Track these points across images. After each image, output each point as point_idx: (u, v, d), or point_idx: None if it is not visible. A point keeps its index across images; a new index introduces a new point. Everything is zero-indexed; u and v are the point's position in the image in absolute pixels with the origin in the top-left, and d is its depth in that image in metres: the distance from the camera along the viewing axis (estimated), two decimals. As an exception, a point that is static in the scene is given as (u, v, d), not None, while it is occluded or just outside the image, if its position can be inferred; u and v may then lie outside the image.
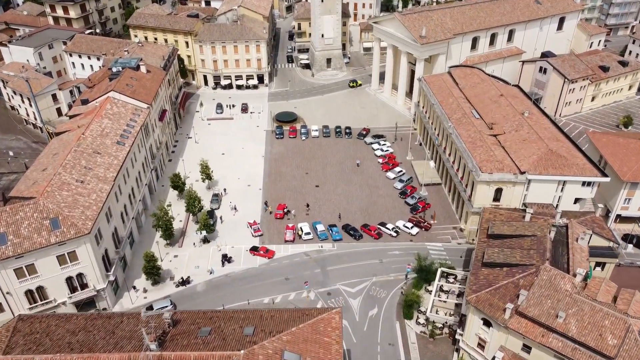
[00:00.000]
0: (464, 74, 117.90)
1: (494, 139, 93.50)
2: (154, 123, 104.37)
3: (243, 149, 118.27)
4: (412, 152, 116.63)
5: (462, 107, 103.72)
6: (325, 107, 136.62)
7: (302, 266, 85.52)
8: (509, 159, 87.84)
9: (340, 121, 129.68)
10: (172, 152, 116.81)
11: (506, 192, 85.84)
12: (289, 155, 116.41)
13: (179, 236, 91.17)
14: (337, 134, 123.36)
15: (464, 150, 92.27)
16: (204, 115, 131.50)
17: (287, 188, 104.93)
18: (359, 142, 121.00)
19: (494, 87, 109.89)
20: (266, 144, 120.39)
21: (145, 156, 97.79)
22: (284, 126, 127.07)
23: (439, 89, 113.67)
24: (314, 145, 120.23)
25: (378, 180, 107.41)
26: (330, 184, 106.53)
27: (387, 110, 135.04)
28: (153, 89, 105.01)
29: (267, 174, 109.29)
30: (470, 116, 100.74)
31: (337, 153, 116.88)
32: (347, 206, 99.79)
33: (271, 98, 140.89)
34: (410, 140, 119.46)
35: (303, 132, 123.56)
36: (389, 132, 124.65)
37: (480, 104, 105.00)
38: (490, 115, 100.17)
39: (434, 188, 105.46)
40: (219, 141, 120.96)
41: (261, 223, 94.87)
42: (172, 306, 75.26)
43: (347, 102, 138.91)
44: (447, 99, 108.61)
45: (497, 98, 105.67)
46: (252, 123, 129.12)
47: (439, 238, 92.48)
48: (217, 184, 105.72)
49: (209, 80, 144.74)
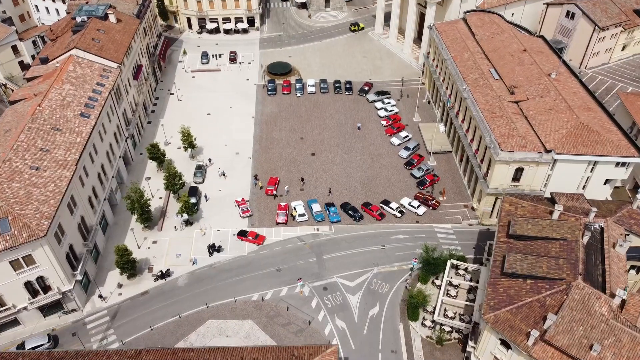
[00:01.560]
0: (482, 22, 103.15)
1: (515, 107, 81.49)
2: (127, 83, 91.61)
3: (231, 107, 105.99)
4: (419, 112, 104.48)
5: (479, 65, 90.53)
6: (323, 56, 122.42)
7: (296, 254, 76.78)
8: (532, 132, 76.46)
9: (340, 73, 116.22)
10: (152, 112, 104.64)
11: (528, 172, 75.32)
12: (282, 115, 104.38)
13: (158, 217, 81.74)
14: (336, 89, 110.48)
15: (480, 120, 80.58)
16: (188, 66, 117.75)
17: (280, 157, 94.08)
18: (361, 100, 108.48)
19: (515, 40, 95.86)
20: (257, 102, 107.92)
21: (118, 124, 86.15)
22: (277, 79, 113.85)
23: (452, 40, 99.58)
24: (310, 103, 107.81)
25: (381, 147, 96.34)
26: (327, 151, 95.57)
27: (392, 60, 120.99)
28: (124, 42, 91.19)
29: (258, 140, 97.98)
30: (489, 77, 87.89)
31: (336, 113, 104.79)
32: (346, 180, 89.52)
33: (263, 45, 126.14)
34: (418, 98, 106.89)
35: (298, 87, 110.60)
36: (394, 88, 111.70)
37: (500, 60, 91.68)
38: (512, 76, 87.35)
39: (444, 156, 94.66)
40: (204, 98, 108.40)
41: (250, 201, 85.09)
42: (49, 343, 62.59)
43: (348, 50, 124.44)
44: (461, 54, 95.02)
45: (519, 53, 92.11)
46: (241, 75, 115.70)
47: (448, 218, 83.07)
48: (202, 152, 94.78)
49: (194, 23, 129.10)
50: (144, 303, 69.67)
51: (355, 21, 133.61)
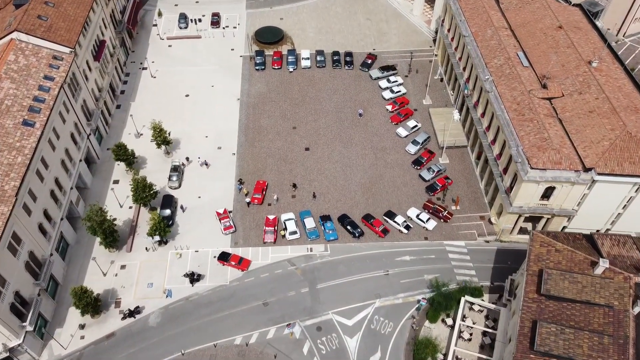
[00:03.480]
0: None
1: (548, 106, 68.08)
2: (86, 68, 77.23)
3: (213, 87, 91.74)
4: (430, 92, 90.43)
5: (504, 47, 75.70)
6: (321, 18, 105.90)
7: (286, 282, 66.67)
8: (568, 142, 63.76)
9: (339, 41, 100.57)
10: (122, 94, 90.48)
11: (560, 191, 63.46)
12: (272, 97, 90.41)
13: (127, 234, 70.88)
14: (334, 63, 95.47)
15: (505, 122, 67.47)
16: (163, 32, 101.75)
17: (269, 152, 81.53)
18: (363, 76, 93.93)
19: (549, 11, 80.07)
20: (243, 79, 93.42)
21: (77, 121, 72.95)
22: (267, 50, 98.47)
23: (473, 9, 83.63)
24: (305, 80, 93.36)
25: (385, 139, 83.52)
26: (324, 144, 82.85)
27: (399, 24, 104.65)
28: (80, 17, 75.73)
29: (244, 129, 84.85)
30: (516, 63, 73.50)
31: (334, 94, 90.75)
32: (344, 182, 77.68)
33: (250, 3, 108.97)
34: (429, 76, 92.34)
35: (290, 60, 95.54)
36: (401, 60, 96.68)
37: (529, 40, 76.71)
38: (544, 63, 73.03)
39: (458, 152, 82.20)
40: (181, 73, 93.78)
41: (234, 211, 73.81)
42: None
43: (349, 10, 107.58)
44: (483, 30, 79.71)
45: (553, 31, 76.94)
46: (225, 44, 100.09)
47: (461, 233, 72.25)
48: (179, 146, 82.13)
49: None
50: (110, 349, 60.40)
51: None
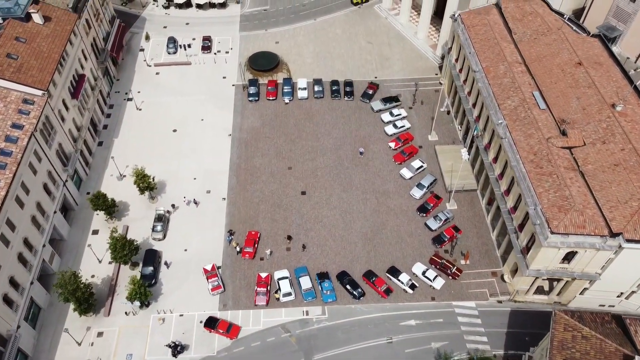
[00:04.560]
0: (521, 12, 79.69)
1: (568, 157, 61.68)
2: (62, 107, 70.81)
3: (203, 120, 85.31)
4: (436, 127, 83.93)
5: (519, 85, 69.24)
6: (319, 41, 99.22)
7: (279, 352, 60.52)
8: (592, 201, 57.44)
9: (338, 68, 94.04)
10: (104, 129, 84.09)
11: (583, 255, 57.19)
12: (267, 132, 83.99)
13: (106, 295, 64.73)
14: (333, 93, 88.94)
15: (521, 175, 61.13)
16: (151, 58, 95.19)
17: (262, 197, 75.22)
18: (364, 108, 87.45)
19: (566, 44, 73.49)
20: (235, 111, 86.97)
21: (51, 169, 66.64)
22: (261, 78, 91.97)
23: (483, 40, 77.09)
24: (302, 112, 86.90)
25: (388, 181, 77.22)
26: (321, 188, 76.53)
27: (403, 48, 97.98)
28: (54, 54, 69.23)
29: (235, 170, 78.51)
30: (532, 104, 67.08)
31: (333, 129, 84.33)
32: (344, 232, 71.45)
33: (244, 25, 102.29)
34: (436, 108, 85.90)
35: (286, 90, 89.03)
36: (405, 89, 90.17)
37: (546, 77, 70.23)
38: (563, 104, 66.64)
39: (467, 195, 75.93)
40: (169, 105, 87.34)
41: (223, 266, 67.63)
42: None
43: (349, 32, 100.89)
44: (496, 65, 73.20)
45: (572, 68, 70.42)
46: (216, 71, 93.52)
47: (472, 292, 66.07)
48: (164, 189, 75.85)
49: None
50: None
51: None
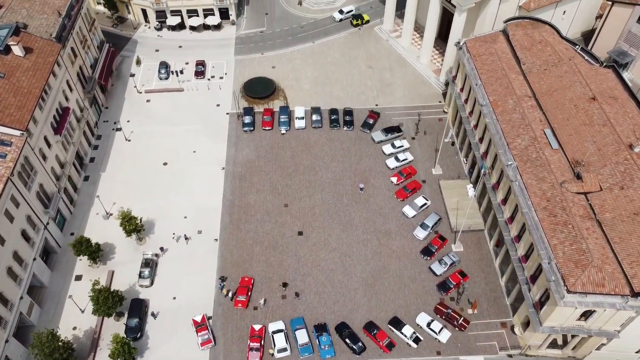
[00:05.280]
0: (529, 40, 75.71)
1: (583, 203, 57.47)
2: (44, 144, 66.63)
3: (195, 152, 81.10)
4: (440, 159, 79.74)
5: (529, 122, 65.09)
6: (317, 65, 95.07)
7: (273, 414, 56.33)
8: (610, 254, 53.18)
9: (337, 94, 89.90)
10: (91, 162, 79.91)
11: (602, 314, 52.92)
12: (262, 165, 79.80)
13: (88, 350, 60.37)
14: (332, 123, 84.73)
15: (534, 224, 56.89)
16: (141, 84, 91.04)
17: (256, 238, 70.91)
18: (364, 138, 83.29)
19: (578, 76, 69.37)
20: (229, 142, 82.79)
21: (30, 213, 62.35)
22: (256, 106, 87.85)
23: (490, 71, 73.02)
24: (299, 144, 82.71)
25: (390, 220, 72.98)
26: (319, 227, 72.26)
27: (405, 73, 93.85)
28: (35, 89, 65.06)
29: (228, 209, 74.21)
30: (544, 144, 62.91)
31: (332, 161, 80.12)
32: (343, 277, 67.17)
33: (239, 48, 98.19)
34: (439, 138, 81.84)
35: (283, 120, 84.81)
36: (407, 118, 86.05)
37: (558, 113, 66.09)
38: (577, 143, 62.47)
39: (474, 236, 71.69)
40: (160, 135, 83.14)
41: (214, 317, 63.30)
42: None
43: (349, 55, 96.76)
44: (504, 98, 69.06)
45: (585, 103, 66.29)
46: (210, 98, 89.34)
47: (480, 346, 61.74)
48: (153, 229, 71.58)
49: (151, 16, 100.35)
50: None
51: (359, 12, 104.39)
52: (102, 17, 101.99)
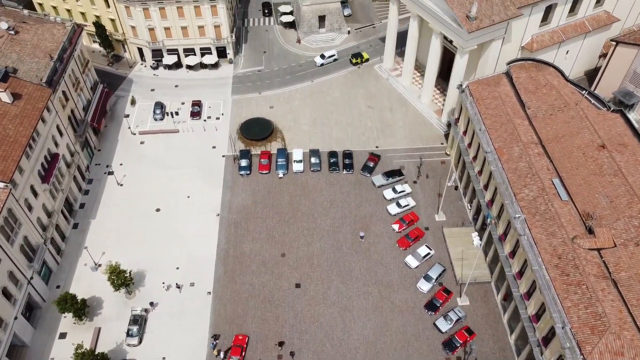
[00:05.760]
0: (534, 83, 73.75)
1: (597, 260, 54.27)
2: (30, 194, 63.82)
3: (189, 198, 78.25)
4: (444, 205, 76.83)
5: (536, 171, 62.35)
6: (316, 105, 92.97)
7: None
8: (628, 317, 49.79)
9: (337, 136, 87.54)
10: (81, 208, 77.02)
11: (621, 384, 49.29)
12: (258, 211, 76.84)
13: (70, 417, 56.60)
14: (331, 166, 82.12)
15: (545, 284, 53.62)
16: (136, 125, 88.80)
17: (252, 291, 67.47)
18: (364, 182, 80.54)
19: (585, 122, 67.04)
20: (224, 187, 80.00)
21: (13, 269, 59.07)
22: (253, 148, 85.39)
23: (494, 115, 70.70)
24: (297, 188, 79.92)
25: (392, 271, 69.65)
26: (318, 279, 68.86)
27: (406, 112, 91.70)
28: (22, 138, 62.55)
29: (223, 259, 70.95)
30: (553, 195, 60.03)
31: (331, 207, 77.18)
32: (342, 335, 63.46)
33: (237, 87, 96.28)
34: (442, 181, 79.15)
35: (280, 163, 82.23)
36: (409, 160, 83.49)
37: (566, 161, 63.44)
38: (587, 194, 59.63)
39: (480, 289, 68.23)
40: (153, 180, 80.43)
41: (206, 380, 59.69)
42: None
43: (348, 95, 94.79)
44: (509, 145, 66.52)
45: (594, 151, 63.76)
46: (205, 140, 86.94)
47: (490, 412, 57.90)
48: (143, 282, 68.21)
49: (147, 55, 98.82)
50: None
51: (358, 50, 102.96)
52: (97, 56, 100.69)
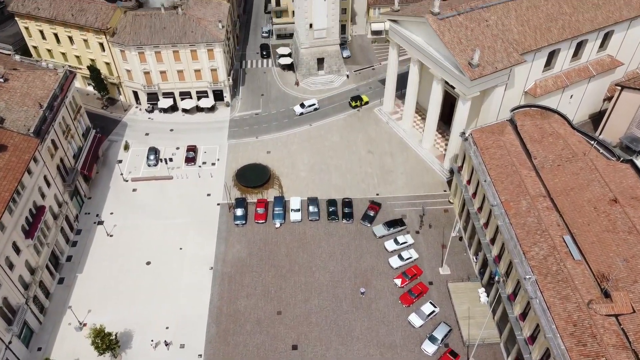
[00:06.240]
0: (539, 132, 71.37)
1: (615, 328, 50.60)
2: (12, 252, 60.40)
3: (181, 250, 74.82)
4: (448, 257, 73.42)
5: (546, 227, 59.15)
6: (315, 150, 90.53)
7: None
8: (652, 395, 45.97)
9: (336, 182, 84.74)
10: (68, 261, 73.47)
11: None
12: (254, 264, 73.32)
13: None
14: (330, 215, 79.02)
15: (559, 353, 49.83)
16: (128, 171, 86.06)
17: (246, 354, 63.28)
18: (365, 233, 77.32)
19: (595, 174, 64.26)
20: (219, 238, 76.64)
21: (-12, 334, 55.41)
22: (249, 195, 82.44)
23: (499, 166, 67.99)
24: (294, 239, 76.61)
25: (395, 330, 65.67)
26: (316, 340, 64.84)
27: (407, 158, 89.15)
28: (5, 192, 59.42)
29: (216, 317, 67.03)
30: (564, 254, 56.68)
31: (330, 260, 73.71)
32: (343, 403, 59.35)
33: (233, 131, 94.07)
34: (445, 231, 75.95)
35: (277, 212, 79.14)
36: (411, 209, 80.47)
37: (577, 217, 60.34)
38: (601, 252, 56.34)
39: (489, 351, 64.15)
40: (145, 230, 77.21)
41: None
42: None
43: (348, 139, 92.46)
44: (516, 199, 63.54)
45: (606, 206, 60.75)
46: (200, 187, 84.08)
47: None
48: (129, 343, 64.13)
49: (142, 98, 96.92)
50: None
51: (357, 92, 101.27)
52: (92, 98, 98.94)
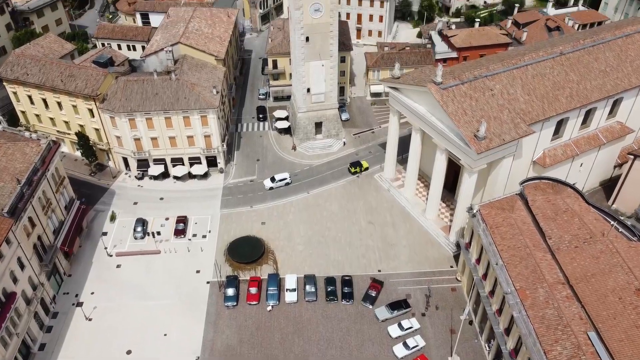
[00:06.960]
0: (552, 208, 66.43)
1: None
2: (-27, 349, 54.47)
3: (166, 336, 68.40)
4: (458, 344, 66.99)
5: (567, 322, 53.32)
6: (312, 220, 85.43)
7: None
8: None
9: (335, 257, 79.20)
10: (41, 350, 66.87)
11: None
12: (244, 353, 66.62)
13: None
14: (328, 295, 73.08)
15: None
16: (113, 245, 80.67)
17: None
18: (366, 315, 71.15)
19: (616, 257, 58.86)
20: (207, 322, 70.30)
21: None
22: (242, 272, 76.74)
23: (511, 248, 62.71)
24: (289, 323, 70.29)
25: None
26: None
27: (410, 229, 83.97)
28: (-30, 281, 54.14)
29: (200, 419, 60.31)
30: (590, 354, 50.63)
31: (329, 348, 67.17)
32: None
33: (226, 200, 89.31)
34: (453, 313, 69.80)
35: (271, 292, 73.21)
36: (415, 287, 74.63)
37: (601, 309, 54.49)
38: (631, 354, 50.30)
39: None
40: (127, 312, 71.00)
41: None
42: None
43: (347, 208, 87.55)
44: (533, 286, 57.97)
45: (633, 297, 55.02)
46: (189, 263, 78.44)
47: None
48: None
49: (132, 165, 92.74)
50: None
51: (357, 157, 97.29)
52: (80, 164, 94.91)
